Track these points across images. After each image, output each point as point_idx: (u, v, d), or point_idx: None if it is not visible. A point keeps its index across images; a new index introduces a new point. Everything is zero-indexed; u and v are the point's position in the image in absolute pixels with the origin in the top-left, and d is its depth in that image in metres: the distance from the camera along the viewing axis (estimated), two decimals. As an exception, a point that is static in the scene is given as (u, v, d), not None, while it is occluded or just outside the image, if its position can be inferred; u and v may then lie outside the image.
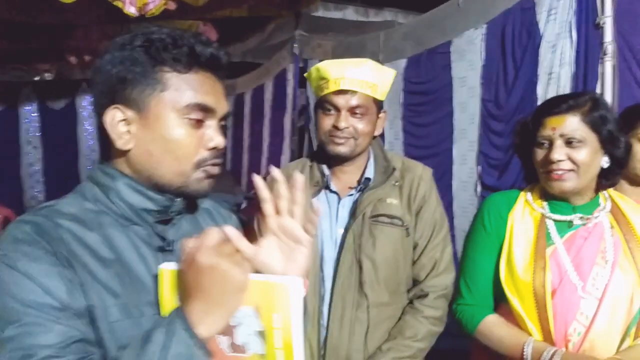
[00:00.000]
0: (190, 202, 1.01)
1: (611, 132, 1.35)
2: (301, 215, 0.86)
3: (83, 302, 0.81)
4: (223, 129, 0.95)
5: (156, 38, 0.88)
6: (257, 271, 0.81)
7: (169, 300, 0.84)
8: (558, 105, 1.37)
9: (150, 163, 0.89)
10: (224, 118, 0.94)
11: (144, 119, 0.88)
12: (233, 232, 0.79)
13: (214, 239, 0.78)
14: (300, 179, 0.86)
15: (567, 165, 1.33)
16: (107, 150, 0.94)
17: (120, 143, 0.89)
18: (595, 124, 1.33)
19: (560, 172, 1.33)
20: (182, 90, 0.88)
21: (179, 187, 0.91)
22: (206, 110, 0.90)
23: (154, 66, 0.88)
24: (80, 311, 0.81)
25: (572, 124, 1.33)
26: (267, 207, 0.87)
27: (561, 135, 1.33)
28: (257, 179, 0.87)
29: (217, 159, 0.92)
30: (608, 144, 1.35)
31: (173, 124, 0.88)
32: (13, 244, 0.81)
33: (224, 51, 0.94)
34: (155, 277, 0.87)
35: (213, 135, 0.91)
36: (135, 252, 0.89)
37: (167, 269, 0.84)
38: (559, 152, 1.32)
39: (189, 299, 0.78)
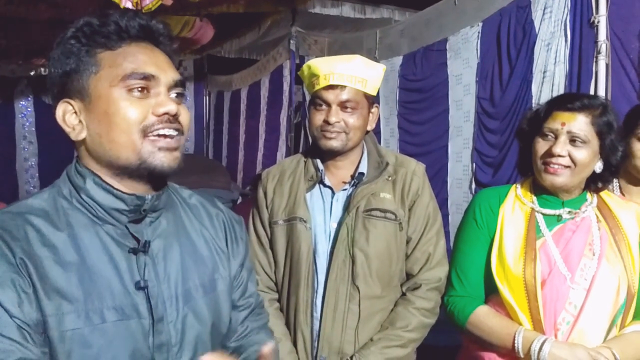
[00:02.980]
0: (170, 198, 0.98)
1: (613, 140, 1.39)
2: None
3: (34, 314, 0.79)
4: (179, 99, 0.92)
5: (84, 24, 0.88)
6: None
7: None
8: (572, 101, 1.40)
9: (103, 146, 0.87)
10: (175, 87, 0.91)
11: (88, 105, 0.88)
12: None
13: None
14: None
15: (565, 161, 1.36)
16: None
17: (73, 134, 0.89)
18: (601, 129, 1.37)
19: (556, 167, 1.37)
20: (116, 64, 0.87)
21: (138, 165, 0.87)
22: (146, 77, 0.87)
23: (88, 51, 0.88)
24: (29, 323, 0.79)
25: (581, 123, 1.36)
26: None
27: (568, 132, 1.36)
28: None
29: (170, 125, 0.88)
30: (607, 150, 1.39)
31: (114, 99, 0.86)
32: None
33: (158, 21, 0.93)
34: (124, 279, 0.86)
35: (162, 102, 0.88)
36: (105, 253, 0.87)
37: None
38: (561, 147, 1.36)
39: None
